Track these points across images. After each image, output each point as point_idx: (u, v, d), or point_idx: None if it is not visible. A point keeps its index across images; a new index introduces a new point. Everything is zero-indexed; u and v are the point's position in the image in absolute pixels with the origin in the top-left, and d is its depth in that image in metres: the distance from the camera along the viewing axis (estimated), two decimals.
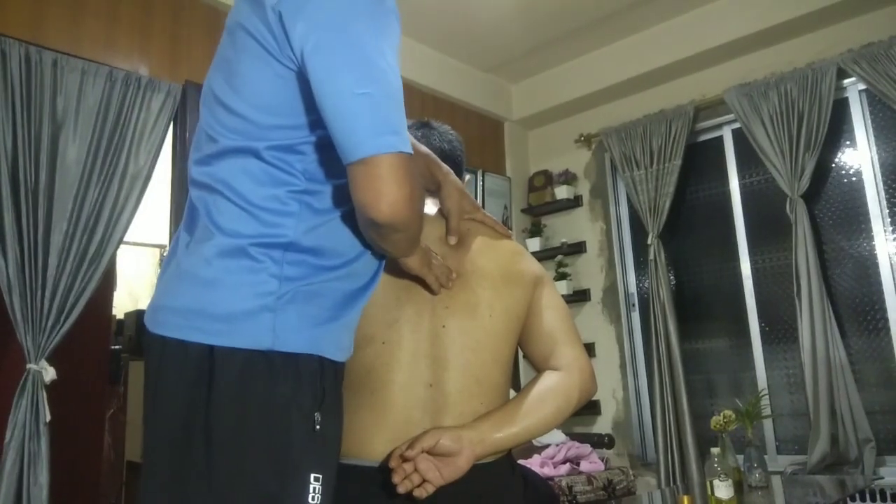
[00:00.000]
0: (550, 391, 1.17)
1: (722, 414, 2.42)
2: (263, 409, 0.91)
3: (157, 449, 0.94)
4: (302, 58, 0.90)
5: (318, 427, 0.94)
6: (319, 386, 0.95)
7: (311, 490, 0.92)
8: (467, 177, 1.37)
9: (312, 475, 0.92)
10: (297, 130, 0.96)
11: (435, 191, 1.28)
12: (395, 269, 1.14)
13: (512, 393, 1.22)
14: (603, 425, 4.01)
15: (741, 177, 3.77)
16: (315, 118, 0.93)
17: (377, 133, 0.87)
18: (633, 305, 4.12)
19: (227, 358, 0.91)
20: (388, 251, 1.03)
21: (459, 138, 1.41)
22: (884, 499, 3.01)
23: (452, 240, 1.24)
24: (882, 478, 2.97)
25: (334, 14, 0.89)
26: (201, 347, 0.92)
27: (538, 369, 1.24)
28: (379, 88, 0.88)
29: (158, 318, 0.97)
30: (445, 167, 1.27)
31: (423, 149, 1.27)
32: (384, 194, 0.87)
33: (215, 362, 0.91)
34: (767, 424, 3.47)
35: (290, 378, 0.93)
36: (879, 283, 3.27)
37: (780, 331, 3.54)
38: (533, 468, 2.86)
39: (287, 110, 0.95)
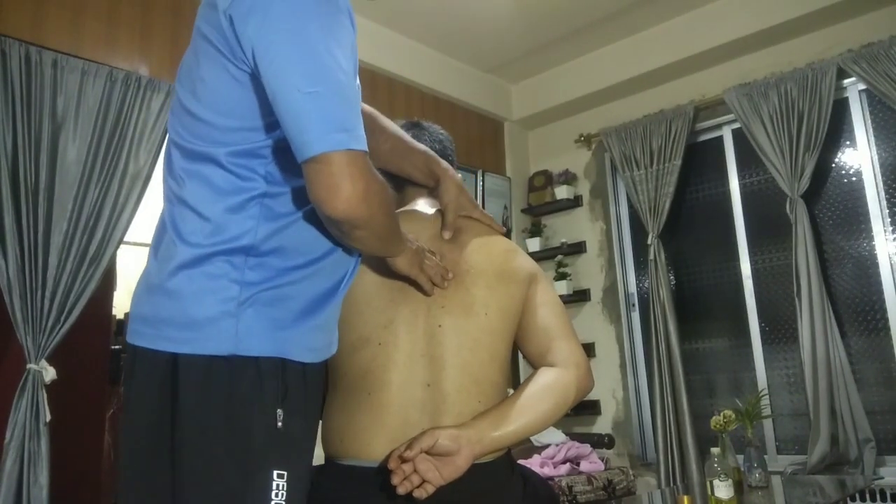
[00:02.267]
0: (548, 388, 1.17)
1: (722, 414, 2.42)
2: (224, 407, 0.92)
3: (130, 455, 0.97)
4: (254, 60, 0.91)
5: (280, 424, 0.94)
6: (281, 384, 0.96)
7: (275, 487, 0.92)
8: (458, 176, 1.38)
9: (275, 472, 0.93)
10: (256, 133, 0.97)
11: (434, 187, 1.28)
12: (389, 270, 1.14)
13: (510, 392, 1.22)
14: (603, 425, 4.01)
15: (741, 177, 3.77)
16: (273, 120, 0.94)
17: (326, 131, 0.87)
18: (633, 305, 4.12)
19: (189, 363, 0.93)
20: (361, 249, 1.04)
21: (450, 138, 1.41)
22: (884, 499, 3.01)
23: (447, 234, 1.24)
24: (882, 478, 2.96)
25: (282, 15, 0.90)
26: (167, 356, 0.94)
27: (535, 366, 1.24)
28: (327, 87, 0.88)
29: (131, 328, 1.00)
30: (444, 163, 1.28)
31: (421, 146, 1.27)
32: (339, 190, 0.87)
33: (179, 369, 0.93)
34: (767, 424, 3.47)
35: (250, 377, 0.94)
36: (879, 283, 3.26)
37: (780, 331, 3.54)
38: (533, 468, 2.86)
39: (245, 112, 0.96)
